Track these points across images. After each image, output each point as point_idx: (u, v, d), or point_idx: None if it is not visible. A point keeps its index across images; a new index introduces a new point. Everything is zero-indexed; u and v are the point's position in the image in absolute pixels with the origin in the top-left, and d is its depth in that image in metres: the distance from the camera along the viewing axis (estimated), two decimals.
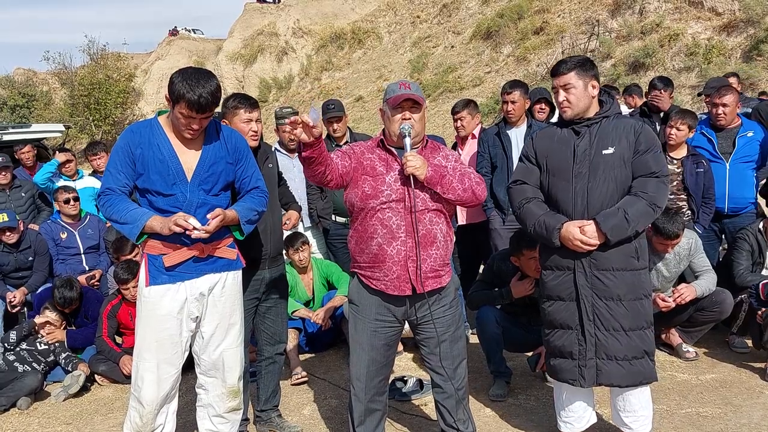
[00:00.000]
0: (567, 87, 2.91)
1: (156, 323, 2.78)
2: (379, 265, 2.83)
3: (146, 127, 2.82)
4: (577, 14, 21.78)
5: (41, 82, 36.88)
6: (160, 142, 2.77)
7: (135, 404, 2.82)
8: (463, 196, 2.83)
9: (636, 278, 2.90)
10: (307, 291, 4.97)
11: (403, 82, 2.88)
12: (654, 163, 2.86)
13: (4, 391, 4.22)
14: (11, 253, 5.33)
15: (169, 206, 2.77)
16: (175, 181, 2.76)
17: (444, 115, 20.76)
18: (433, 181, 2.79)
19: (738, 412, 3.49)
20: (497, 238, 4.79)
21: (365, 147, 2.94)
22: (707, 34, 17.18)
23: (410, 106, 2.82)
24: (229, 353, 2.93)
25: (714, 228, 4.74)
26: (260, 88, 32.44)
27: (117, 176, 2.76)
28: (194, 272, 2.81)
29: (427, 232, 2.82)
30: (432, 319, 2.89)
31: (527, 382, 4.08)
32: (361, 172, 2.86)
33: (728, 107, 4.60)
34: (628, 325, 2.88)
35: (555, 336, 3.03)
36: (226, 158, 2.88)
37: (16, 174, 6.26)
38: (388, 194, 2.80)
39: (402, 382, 4.02)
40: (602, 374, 2.91)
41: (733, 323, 4.34)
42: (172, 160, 2.76)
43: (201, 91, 2.62)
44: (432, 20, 28.65)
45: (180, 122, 2.71)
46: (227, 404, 2.97)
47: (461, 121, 5.12)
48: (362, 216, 2.85)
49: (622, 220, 2.79)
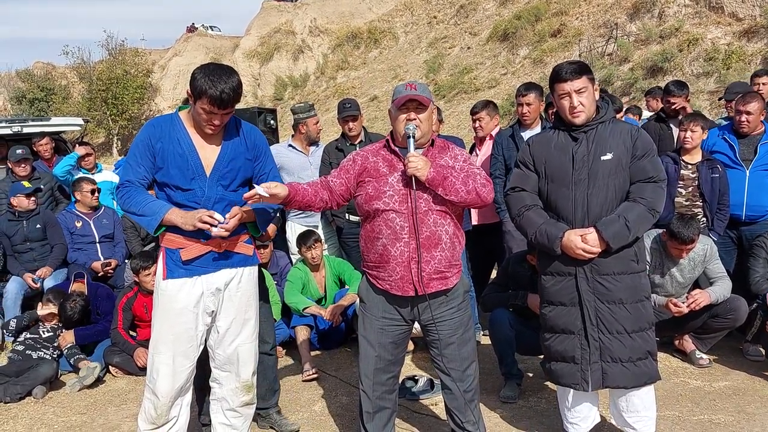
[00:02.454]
0: (581, 91, 2.87)
1: (173, 317, 2.80)
2: (383, 265, 2.85)
3: (167, 121, 2.84)
4: (595, 17, 21.67)
5: (60, 76, 37.27)
6: (181, 136, 2.79)
7: (150, 396, 2.84)
8: (466, 198, 2.78)
9: (636, 281, 2.92)
10: (320, 288, 4.99)
11: (409, 83, 2.87)
12: (651, 168, 2.86)
13: (20, 379, 4.28)
14: (21, 220, 5.40)
15: (187, 201, 2.79)
16: (194, 176, 2.78)
17: (459, 116, 20.74)
18: (434, 183, 2.76)
19: (751, 421, 3.47)
20: (511, 240, 4.78)
21: (370, 150, 2.95)
22: (727, 40, 17.04)
23: (415, 107, 2.81)
24: (243, 348, 2.95)
25: (731, 235, 4.69)
26: (276, 86, 32.57)
27: (137, 169, 2.78)
28: (211, 267, 2.83)
29: (431, 234, 2.81)
30: (434, 322, 2.89)
31: (538, 384, 4.07)
32: (365, 175, 2.87)
33: (752, 115, 4.54)
34: (630, 327, 2.90)
35: (556, 341, 3.03)
36: (245, 154, 2.90)
37: (35, 166, 6.35)
38: (390, 195, 2.80)
39: (413, 382, 4.03)
40: (608, 377, 2.92)
41: (748, 331, 4.31)
42: (192, 155, 2.78)
43: (223, 87, 2.64)
44: (449, 21, 28.63)
45: (201, 118, 2.73)
46: (241, 398, 2.99)
47: (480, 121, 5.13)
48: (369, 217, 2.87)
49: (623, 227, 2.79)
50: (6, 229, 5.48)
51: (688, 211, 4.41)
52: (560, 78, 2.90)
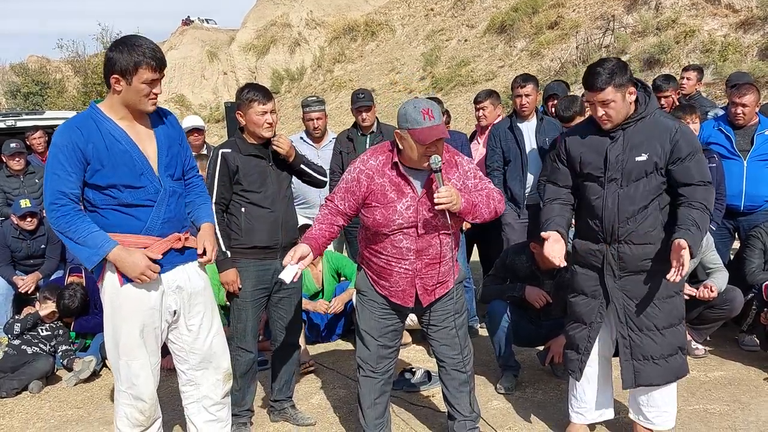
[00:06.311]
0: (606, 103, 2.77)
1: (141, 318, 2.69)
2: (386, 277, 2.88)
3: (87, 120, 2.58)
4: (592, 9, 21.64)
5: (55, 69, 37.06)
6: (114, 132, 2.58)
7: (132, 402, 2.74)
8: (487, 219, 2.83)
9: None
10: (316, 283, 4.98)
11: (424, 109, 2.63)
12: (696, 171, 2.76)
13: (16, 374, 4.27)
14: (25, 240, 5.38)
15: (140, 200, 2.63)
16: (142, 171, 2.61)
17: (456, 109, 20.71)
18: (465, 212, 2.74)
19: (746, 410, 3.49)
20: (511, 233, 4.78)
21: (375, 170, 2.77)
22: (723, 31, 17.03)
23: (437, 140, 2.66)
24: (217, 339, 2.92)
25: (728, 225, 4.71)
26: (273, 79, 32.47)
27: (68, 178, 2.51)
28: (167, 264, 2.73)
29: (437, 254, 2.83)
30: (437, 309, 2.98)
31: (535, 376, 4.08)
32: (372, 198, 2.78)
33: (747, 107, 4.55)
34: (662, 324, 2.88)
35: (571, 327, 3.10)
36: (177, 139, 2.80)
37: (29, 160, 6.31)
38: (399, 223, 2.76)
39: (410, 374, 4.04)
40: (641, 375, 2.91)
41: (743, 321, 4.32)
42: (134, 149, 2.60)
43: (152, 46, 2.52)
44: (446, 13, 28.55)
45: (143, 93, 2.54)
46: (224, 389, 2.97)
47: (483, 110, 5.18)
48: (372, 231, 2.85)
49: (697, 232, 2.68)
50: (11, 244, 5.43)
51: None
52: (587, 86, 2.82)
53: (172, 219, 2.73)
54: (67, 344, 4.66)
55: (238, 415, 3.38)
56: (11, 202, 5.76)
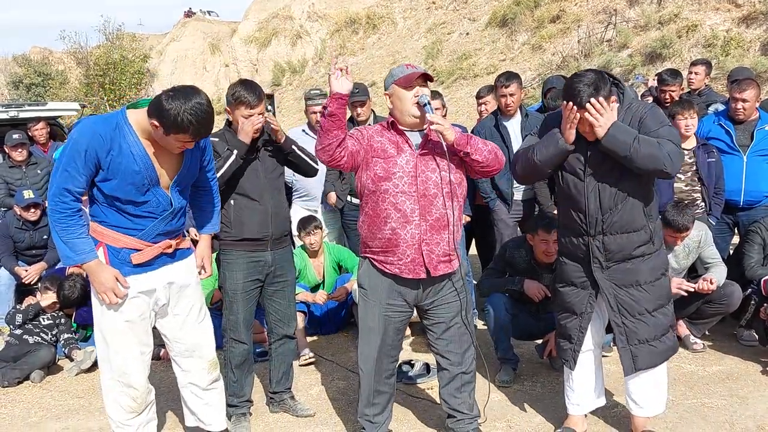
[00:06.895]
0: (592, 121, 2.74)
1: (128, 308, 2.73)
2: (392, 249, 2.85)
3: (113, 129, 2.57)
4: (594, 3, 21.54)
5: (57, 61, 36.98)
6: (134, 149, 2.58)
7: (124, 389, 2.79)
8: (488, 158, 2.86)
9: (656, 260, 2.94)
10: (317, 275, 4.99)
11: (405, 64, 2.93)
12: (666, 133, 2.77)
13: (18, 363, 4.30)
14: (27, 230, 5.40)
15: (143, 213, 2.68)
16: (148, 188, 2.65)
17: (458, 102, 20.66)
18: (461, 143, 2.80)
19: (743, 404, 3.51)
20: (504, 228, 4.79)
21: (374, 130, 2.94)
22: (726, 26, 16.95)
23: (421, 83, 2.86)
24: (203, 330, 2.97)
25: (727, 220, 4.72)
26: (274, 71, 32.37)
27: (78, 178, 2.56)
28: (158, 264, 2.79)
29: (441, 216, 2.84)
30: (438, 306, 2.96)
31: (534, 369, 4.10)
32: (372, 154, 2.86)
33: (748, 102, 4.55)
34: (652, 307, 2.94)
35: (562, 317, 3.13)
36: (199, 156, 2.87)
37: (32, 151, 6.33)
38: (399, 176, 2.81)
39: (409, 366, 4.05)
40: (639, 359, 2.96)
41: (742, 316, 4.33)
42: (149, 170, 2.62)
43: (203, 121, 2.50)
44: (447, 6, 28.43)
45: (173, 146, 2.59)
46: (210, 377, 3.01)
47: (486, 105, 5.27)
48: (374, 200, 2.86)
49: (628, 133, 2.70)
50: (14, 235, 5.47)
51: (687, 196, 4.43)
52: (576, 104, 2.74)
53: (170, 232, 2.81)
54: (69, 333, 4.69)
55: (237, 406, 3.40)
56: (14, 193, 5.78)
